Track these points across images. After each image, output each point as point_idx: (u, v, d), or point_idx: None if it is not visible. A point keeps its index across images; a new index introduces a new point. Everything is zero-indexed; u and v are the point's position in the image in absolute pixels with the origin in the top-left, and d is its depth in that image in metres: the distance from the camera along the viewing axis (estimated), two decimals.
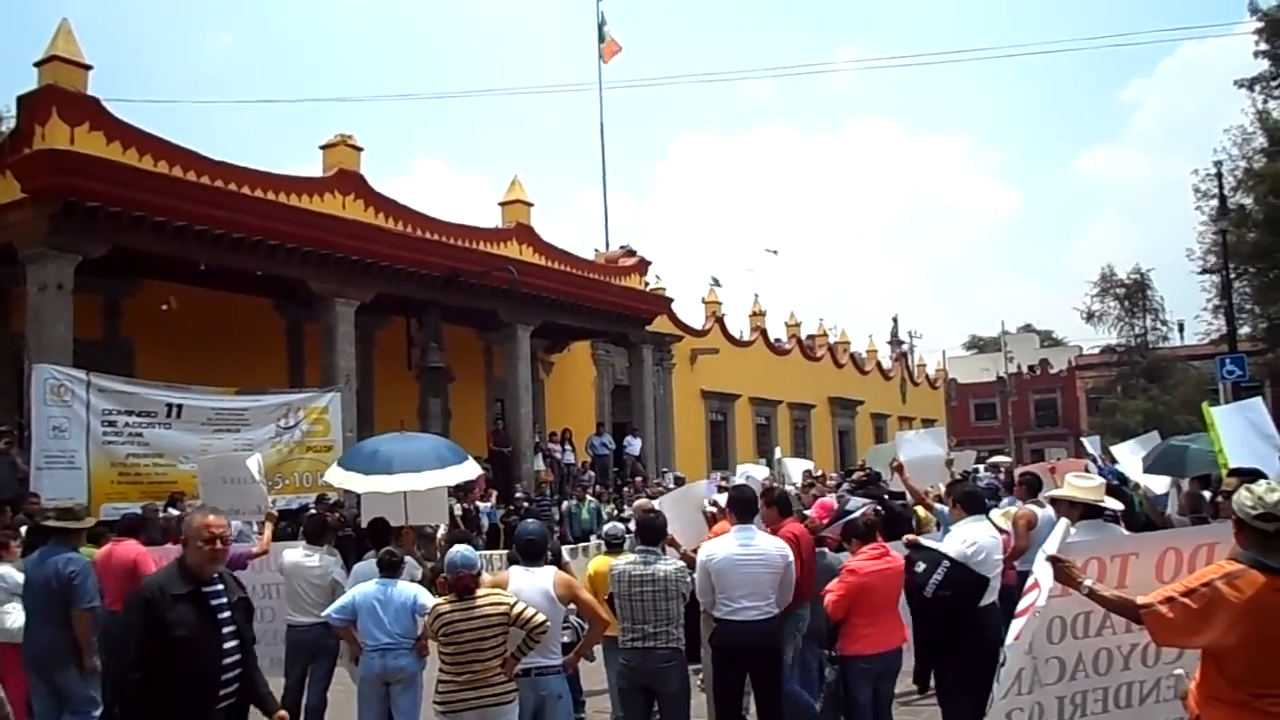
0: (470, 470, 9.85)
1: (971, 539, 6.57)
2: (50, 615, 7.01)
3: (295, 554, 8.28)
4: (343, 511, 13.77)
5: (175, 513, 11.87)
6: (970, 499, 7.03)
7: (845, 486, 16.49)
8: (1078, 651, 4.62)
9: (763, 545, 6.64)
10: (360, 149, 19.20)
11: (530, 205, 23.21)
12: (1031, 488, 10.00)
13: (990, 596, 6.52)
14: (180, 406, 14.47)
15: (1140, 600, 4.04)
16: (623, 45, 30.53)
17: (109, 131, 14.88)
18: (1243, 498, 3.92)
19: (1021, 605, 4.71)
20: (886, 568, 6.46)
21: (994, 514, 10.01)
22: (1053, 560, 4.41)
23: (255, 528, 10.34)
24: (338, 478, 9.67)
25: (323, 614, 7.23)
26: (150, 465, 14.10)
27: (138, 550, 8.17)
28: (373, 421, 18.50)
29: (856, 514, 7.59)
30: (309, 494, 15.06)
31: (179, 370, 15.48)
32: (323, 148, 19.02)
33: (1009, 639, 4.71)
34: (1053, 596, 4.49)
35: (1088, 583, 4.24)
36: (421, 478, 8.80)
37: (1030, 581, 4.73)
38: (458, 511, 17.03)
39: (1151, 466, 12.03)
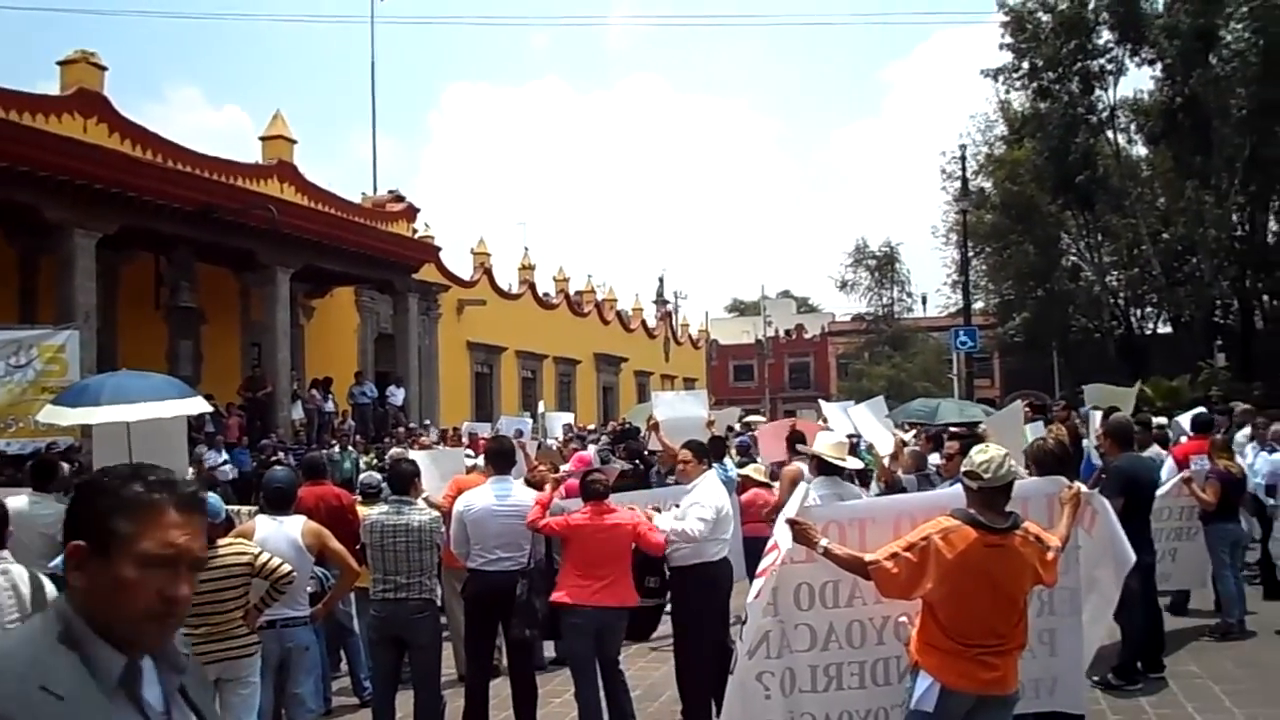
0: (194, 406, 9.30)
1: (714, 500, 6.57)
2: None
3: (20, 501, 7.72)
4: (79, 457, 12.91)
5: None
6: (701, 448, 7.03)
7: (603, 440, 16.86)
8: (829, 621, 4.69)
9: (519, 497, 6.70)
10: (105, 68, 17.85)
11: (294, 142, 22.27)
12: (796, 443, 10.49)
13: (722, 550, 6.62)
14: None
15: (868, 557, 4.28)
16: None
17: None
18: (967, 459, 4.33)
19: (761, 565, 4.83)
20: (607, 525, 6.30)
21: (749, 469, 10.49)
22: (791, 523, 4.57)
23: None
24: (47, 414, 9.15)
25: (50, 565, 6.79)
26: None
27: None
28: (116, 363, 17.26)
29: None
30: (44, 438, 14.00)
31: None
32: (61, 64, 17.55)
33: (749, 597, 4.81)
34: (796, 561, 4.61)
35: (824, 542, 4.42)
36: (133, 409, 8.26)
37: (770, 543, 4.88)
38: (211, 459, 16.31)
39: (902, 418, 13.39)
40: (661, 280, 53.90)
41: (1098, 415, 10.90)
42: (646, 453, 12.47)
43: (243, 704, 5.48)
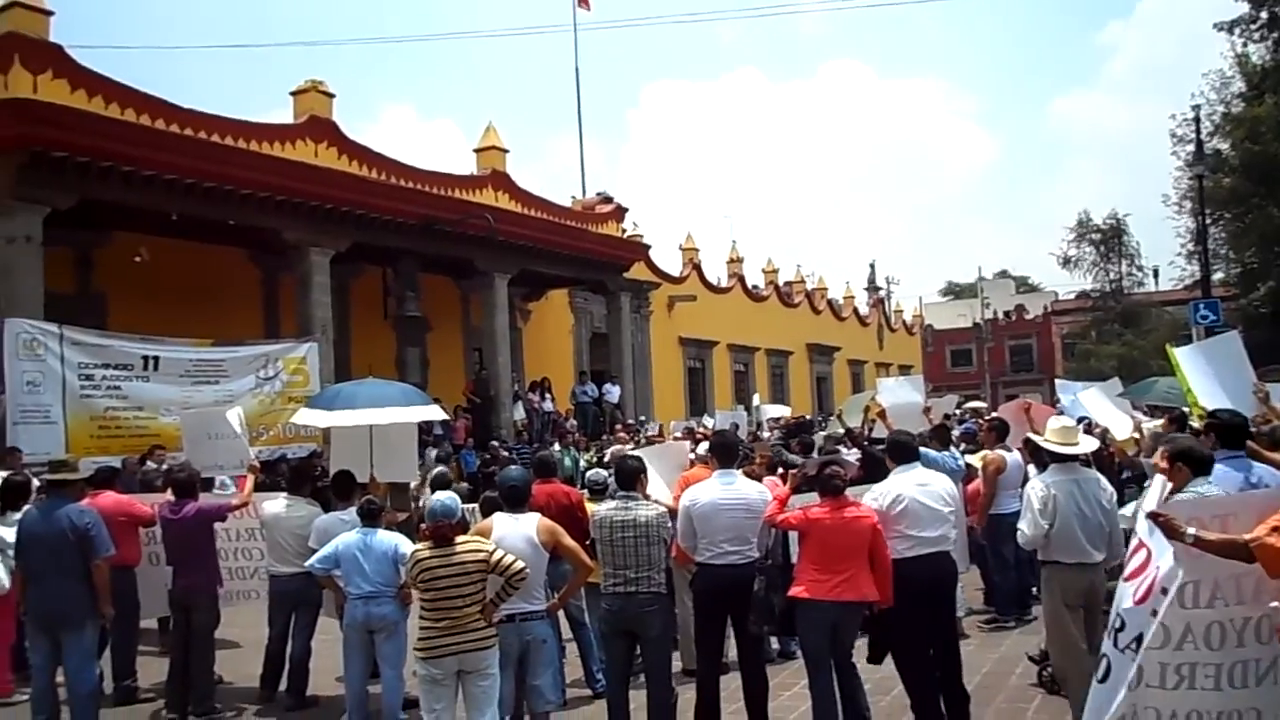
0: (434, 413, 10.26)
1: (886, 491, 6.42)
2: (67, 568, 6.77)
3: (276, 505, 8.30)
4: (321, 461, 13.72)
5: (153, 466, 11.78)
6: (899, 449, 6.75)
7: (776, 434, 16.48)
8: (1185, 621, 4.35)
9: (744, 490, 6.66)
10: (332, 95, 18.93)
11: (505, 152, 23.01)
12: (999, 433, 10.10)
13: (944, 546, 6.44)
14: (157, 359, 14.31)
15: (1246, 536, 4.00)
16: None
17: (73, 79, 14.52)
18: None
19: (1131, 567, 4.64)
20: (846, 519, 6.14)
21: (973, 458, 10.12)
22: (1153, 516, 4.33)
23: (233, 481, 10.38)
24: (303, 417, 9.96)
25: (306, 564, 7.25)
26: (130, 418, 13.92)
27: (119, 498, 8.28)
28: (350, 372, 18.40)
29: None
30: (292, 445, 15.00)
31: (153, 322, 15.29)
32: (293, 94, 18.73)
33: (1127, 602, 4.59)
34: (1182, 560, 4.31)
35: (1191, 530, 4.13)
36: (384, 413, 8.92)
37: (1135, 543, 4.65)
38: (436, 468, 17.02)
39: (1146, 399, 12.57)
40: (873, 266, 53.05)
41: None
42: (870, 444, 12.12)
43: (483, 695, 5.70)
